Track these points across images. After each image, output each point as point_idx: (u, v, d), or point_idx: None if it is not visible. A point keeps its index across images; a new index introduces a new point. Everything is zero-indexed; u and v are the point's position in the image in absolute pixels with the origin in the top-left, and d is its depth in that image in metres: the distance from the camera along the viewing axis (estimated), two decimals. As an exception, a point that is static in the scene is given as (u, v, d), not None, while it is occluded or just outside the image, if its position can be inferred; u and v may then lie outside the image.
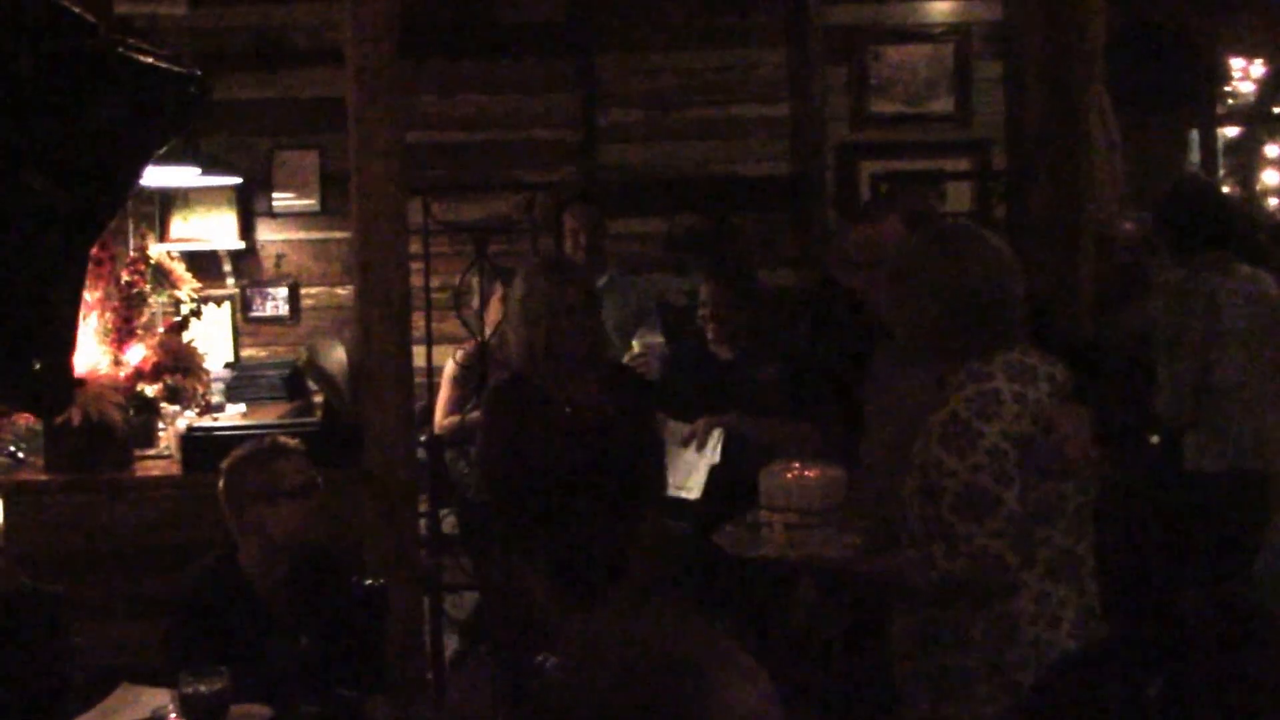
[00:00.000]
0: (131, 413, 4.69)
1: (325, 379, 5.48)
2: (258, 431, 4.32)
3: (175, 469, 4.73)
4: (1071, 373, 3.03)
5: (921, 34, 7.29)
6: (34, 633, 3.51)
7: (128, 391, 4.61)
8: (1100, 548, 3.09)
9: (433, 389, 5.18)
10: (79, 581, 4.29)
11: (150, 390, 4.77)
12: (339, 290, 6.99)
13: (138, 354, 4.71)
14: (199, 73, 1.95)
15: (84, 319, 4.61)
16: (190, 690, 2.97)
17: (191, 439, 4.67)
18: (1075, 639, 2.94)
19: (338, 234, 6.81)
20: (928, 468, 2.91)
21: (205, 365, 4.99)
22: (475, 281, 5.09)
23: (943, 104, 7.31)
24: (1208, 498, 4.79)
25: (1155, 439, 5.12)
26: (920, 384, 3.19)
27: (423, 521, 4.89)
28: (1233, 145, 8.87)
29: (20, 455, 4.79)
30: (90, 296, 4.54)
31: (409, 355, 4.66)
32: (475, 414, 4.66)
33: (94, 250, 4.66)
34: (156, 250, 5.57)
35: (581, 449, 3.81)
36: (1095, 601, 3.02)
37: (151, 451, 4.93)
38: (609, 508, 3.44)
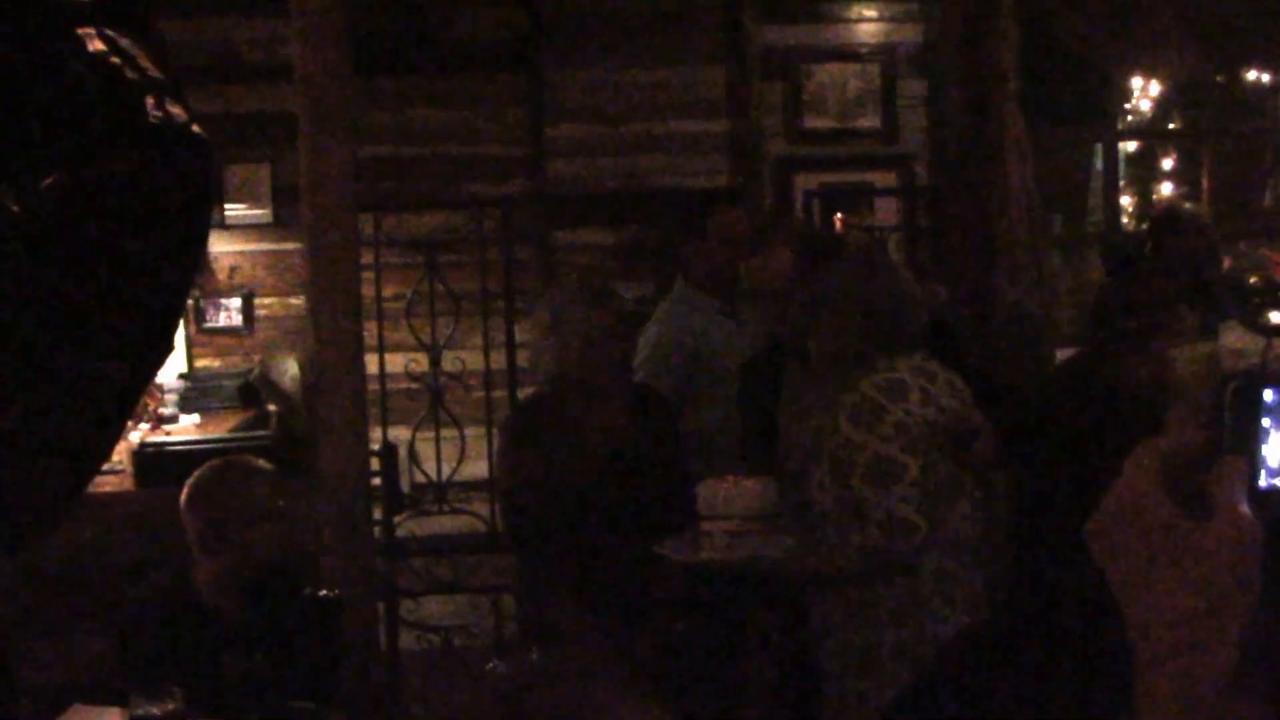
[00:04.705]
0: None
1: (277, 394, 5.26)
2: (211, 446, 4.08)
3: (128, 484, 4.46)
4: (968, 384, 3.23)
5: (850, 53, 7.25)
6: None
7: (78, 407, 4.33)
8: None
9: (385, 396, 4.95)
10: (31, 599, 4.02)
11: (101, 405, 4.49)
12: (293, 300, 6.70)
13: (89, 368, 4.43)
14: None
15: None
16: (141, 712, 2.79)
17: (144, 454, 4.43)
18: (969, 616, 3.08)
19: (291, 245, 6.51)
20: (837, 450, 3.08)
21: (158, 379, 4.72)
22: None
23: (870, 120, 7.24)
24: None
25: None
26: (826, 396, 3.28)
27: (377, 529, 4.66)
28: (1133, 158, 8.93)
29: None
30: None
31: (362, 364, 4.44)
32: None
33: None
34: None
35: (609, 476, 3.58)
36: (981, 584, 3.17)
37: (104, 467, 4.64)
38: (637, 536, 3.30)
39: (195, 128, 1.35)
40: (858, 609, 3.11)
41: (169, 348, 1.38)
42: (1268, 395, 0.84)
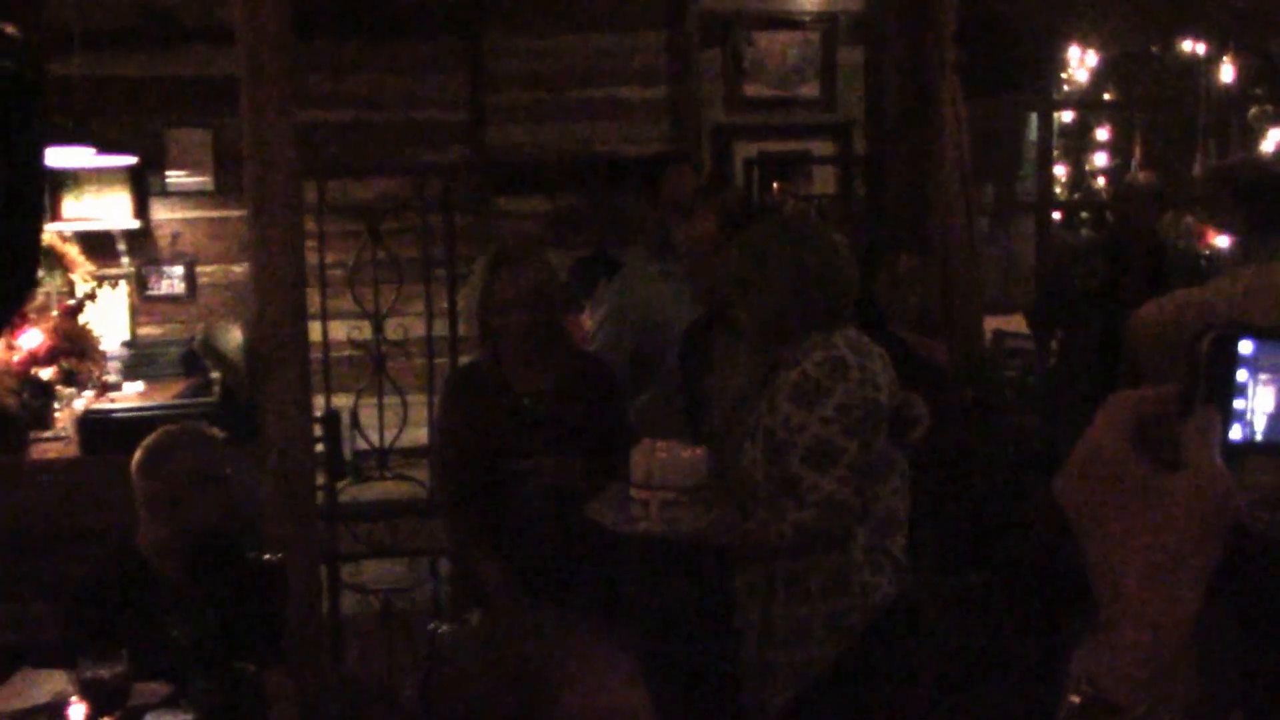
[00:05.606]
0: (26, 396, 4.40)
1: (221, 360, 5.26)
2: (155, 413, 4.09)
3: (73, 451, 4.46)
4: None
5: (791, 21, 7.22)
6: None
7: (22, 376, 4.34)
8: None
9: (328, 364, 4.98)
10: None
11: (45, 374, 4.49)
12: (235, 268, 6.69)
13: (33, 339, 4.44)
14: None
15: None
16: (90, 675, 2.81)
17: (89, 422, 4.43)
18: (894, 586, 3.12)
19: (233, 212, 6.49)
20: (774, 428, 3.04)
21: (101, 346, 4.72)
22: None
23: (810, 88, 7.24)
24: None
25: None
26: (751, 363, 3.31)
27: (320, 495, 4.70)
28: (1067, 128, 9.00)
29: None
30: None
31: (304, 331, 4.45)
32: None
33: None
34: (49, 231, 5.27)
35: (536, 441, 3.60)
36: (904, 555, 3.20)
37: (48, 434, 4.64)
38: (564, 505, 3.30)
39: (8, 28, 1.34)
40: (786, 582, 3.10)
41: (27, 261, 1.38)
42: (1245, 346, 0.89)
